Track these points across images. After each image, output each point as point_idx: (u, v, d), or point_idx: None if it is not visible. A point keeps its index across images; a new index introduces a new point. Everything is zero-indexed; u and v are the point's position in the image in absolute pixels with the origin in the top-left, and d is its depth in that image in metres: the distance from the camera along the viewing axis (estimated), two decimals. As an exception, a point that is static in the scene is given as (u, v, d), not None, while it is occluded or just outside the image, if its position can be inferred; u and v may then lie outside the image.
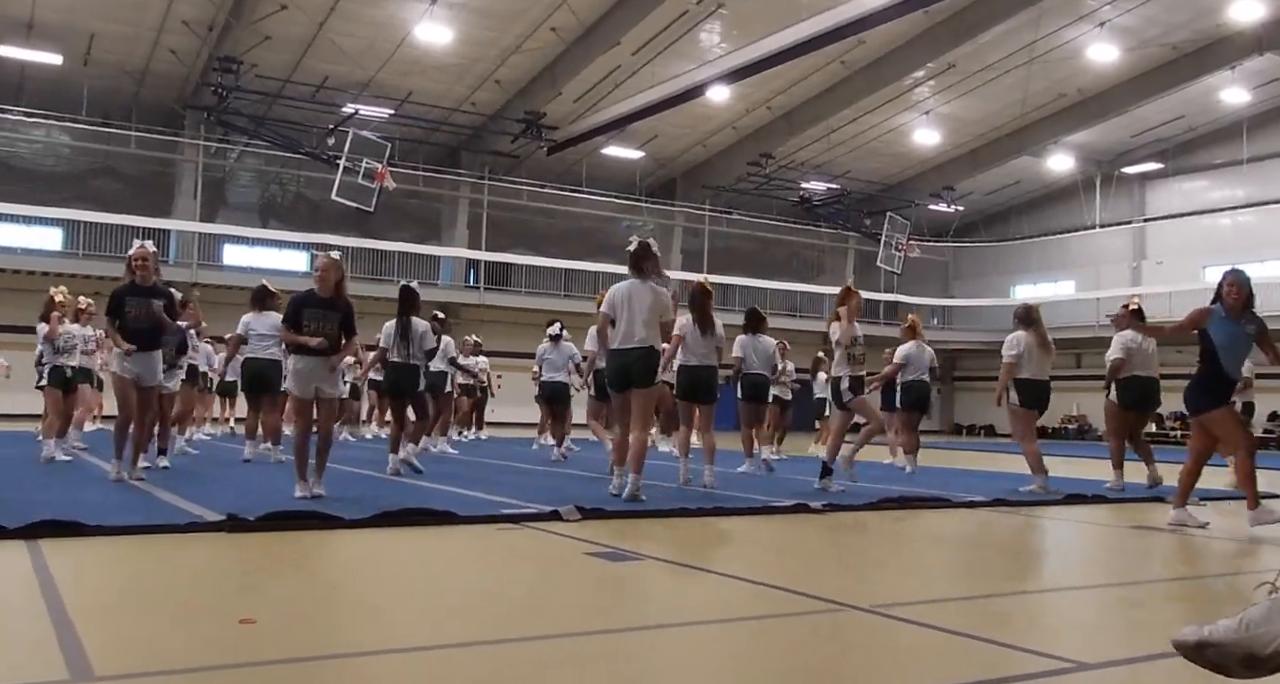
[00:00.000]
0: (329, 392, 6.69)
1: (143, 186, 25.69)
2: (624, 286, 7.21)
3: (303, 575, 4.32)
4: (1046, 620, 3.78)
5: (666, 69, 23.54)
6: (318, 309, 6.61)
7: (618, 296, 7.18)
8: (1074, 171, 31.62)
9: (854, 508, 7.02)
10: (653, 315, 7.10)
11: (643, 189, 31.27)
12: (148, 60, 23.38)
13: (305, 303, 6.62)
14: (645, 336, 7.04)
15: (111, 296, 7.24)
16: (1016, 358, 8.82)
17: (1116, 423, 9.28)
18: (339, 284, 6.71)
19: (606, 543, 5.11)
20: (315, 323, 6.56)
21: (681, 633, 3.33)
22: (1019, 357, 8.81)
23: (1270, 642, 1.57)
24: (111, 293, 7.28)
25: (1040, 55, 24.22)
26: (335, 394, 6.87)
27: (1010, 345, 8.90)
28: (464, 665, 2.83)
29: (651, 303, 7.12)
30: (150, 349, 7.22)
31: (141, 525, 5.05)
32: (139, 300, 7.13)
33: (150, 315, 7.13)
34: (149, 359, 7.22)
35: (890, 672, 2.86)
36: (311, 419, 6.63)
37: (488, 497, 6.90)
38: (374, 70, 23.90)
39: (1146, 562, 5.41)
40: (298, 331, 6.53)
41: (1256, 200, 28.54)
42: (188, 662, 2.72)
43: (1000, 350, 8.95)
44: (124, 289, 7.19)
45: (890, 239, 29.59)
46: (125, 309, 7.10)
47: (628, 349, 7.05)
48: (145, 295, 7.17)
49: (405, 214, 28.72)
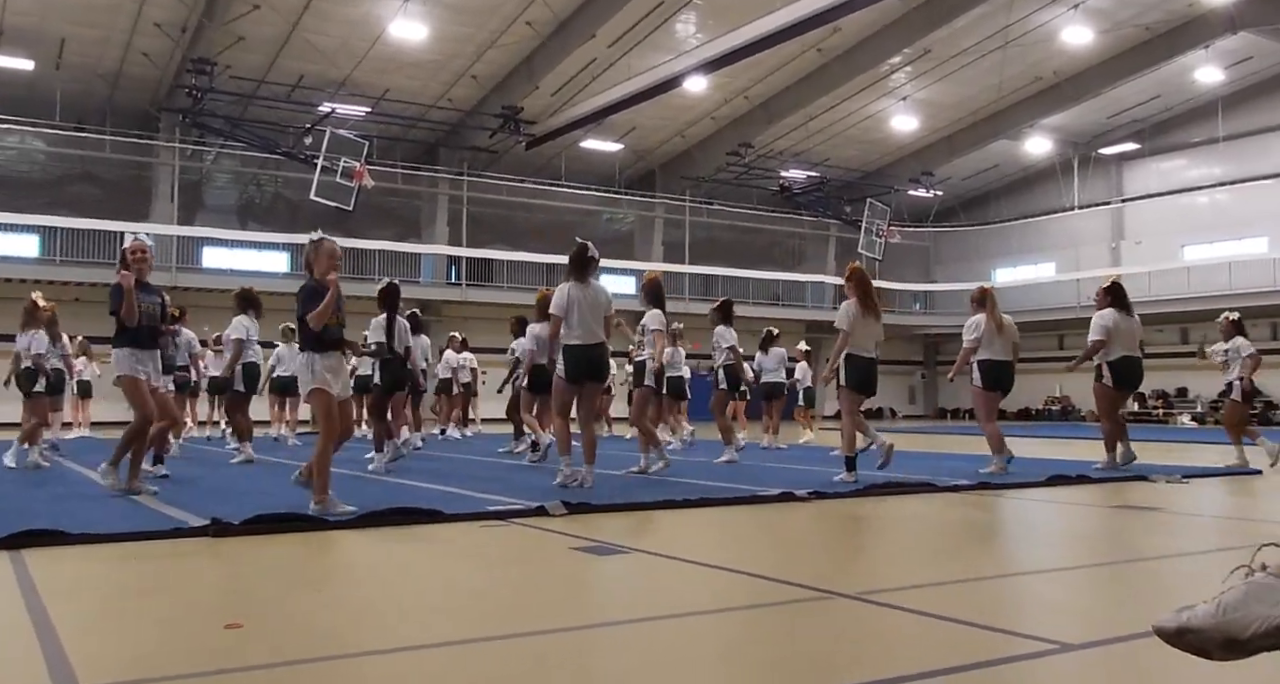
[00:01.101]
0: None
1: (119, 191, 25.52)
2: (571, 288, 7.49)
3: (289, 578, 4.31)
4: (1031, 602, 3.80)
5: (643, 61, 23.51)
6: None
7: (570, 298, 7.44)
8: (1051, 154, 31.76)
9: (840, 495, 7.05)
10: (600, 313, 7.52)
11: (622, 181, 31.24)
12: (120, 63, 23.20)
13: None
14: (599, 333, 7.51)
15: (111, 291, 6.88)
16: (976, 342, 8.91)
17: (1109, 404, 9.37)
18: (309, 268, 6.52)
19: (593, 537, 5.12)
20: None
21: (671, 625, 3.34)
22: (978, 341, 8.90)
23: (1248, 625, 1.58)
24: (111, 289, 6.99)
25: (1015, 39, 24.30)
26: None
27: (970, 329, 9.02)
28: (454, 664, 2.83)
29: (598, 301, 7.54)
30: (155, 348, 7.03)
31: (125, 533, 5.02)
32: (144, 298, 6.84)
33: (150, 312, 6.90)
34: (155, 358, 7.00)
35: (878, 658, 2.87)
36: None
37: (473, 494, 6.90)
38: (349, 69, 23.79)
39: (1129, 541, 5.45)
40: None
41: (1233, 178, 28.74)
42: (174, 669, 2.71)
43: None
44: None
45: (871, 225, 29.66)
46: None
47: (590, 345, 7.47)
48: (146, 293, 6.91)
49: (385, 212, 28.62)
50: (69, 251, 22.85)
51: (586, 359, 7.46)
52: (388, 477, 8.35)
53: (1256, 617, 1.58)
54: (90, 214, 23.27)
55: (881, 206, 29.94)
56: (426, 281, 27.27)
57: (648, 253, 30.12)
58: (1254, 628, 1.57)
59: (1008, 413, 32.78)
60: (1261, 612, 1.57)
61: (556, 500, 6.08)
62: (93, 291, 20.73)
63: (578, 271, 7.53)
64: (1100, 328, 9.19)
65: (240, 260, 26.41)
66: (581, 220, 30.46)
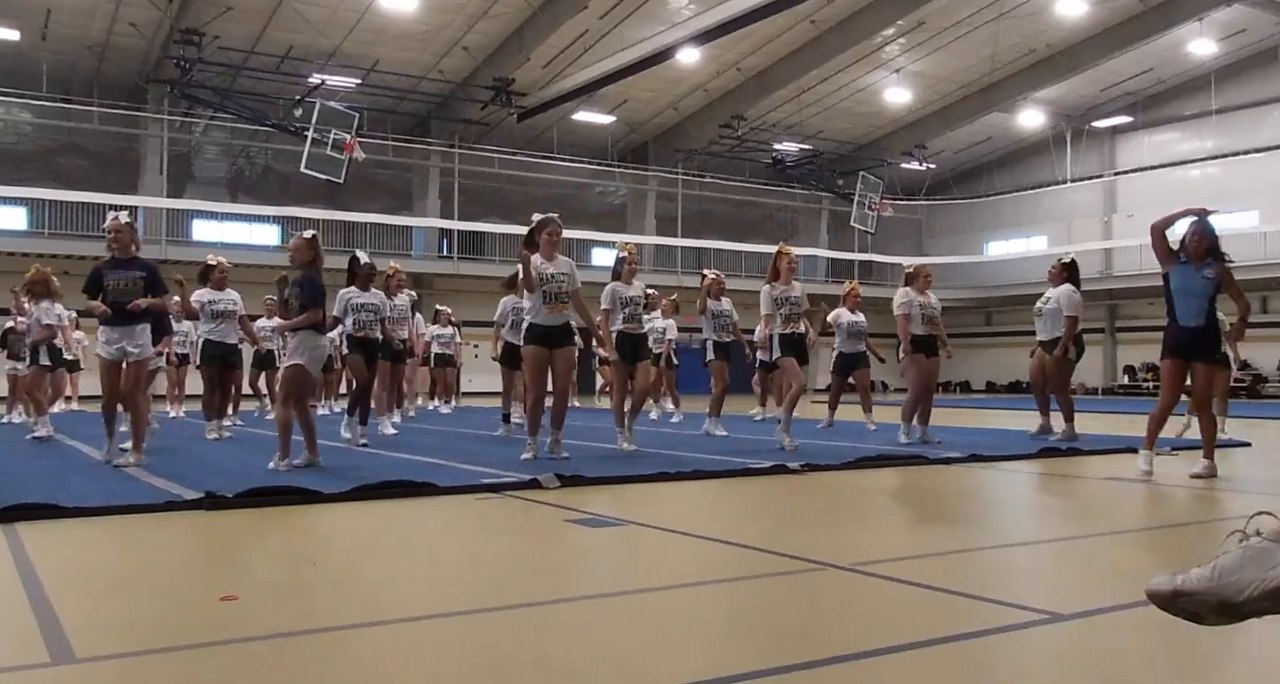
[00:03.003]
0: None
1: (108, 163, 25.33)
2: (539, 262, 7.45)
3: (283, 551, 4.32)
4: (1022, 573, 3.83)
5: (635, 32, 23.34)
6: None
7: (536, 272, 7.40)
8: (1044, 127, 31.67)
9: (832, 467, 7.08)
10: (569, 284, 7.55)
11: (615, 154, 31.10)
12: (107, 34, 22.95)
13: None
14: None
15: (90, 273, 7.01)
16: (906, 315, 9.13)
17: (1066, 378, 9.59)
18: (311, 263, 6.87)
19: (587, 509, 5.14)
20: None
21: (665, 596, 3.36)
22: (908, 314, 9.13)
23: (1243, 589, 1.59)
24: (91, 270, 7.08)
25: (1009, 11, 24.17)
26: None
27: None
28: (450, 635, 2.84)
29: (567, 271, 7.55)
30: (133, 322, 7.01)
31: (119, 506, 5.03)
32: (119, 274, 6.92)
33: (132, 289, 6.91)
34: (129, 332, 7.02)
35: (870, 629, 2.90)
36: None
37: (467, 466, 6.91)
38: (339, 39, 23.58)
39: (1118, 511, 5.49)
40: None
41: (1225, 151, 28.71)
42: (169, 641, 2.73)
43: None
44: (104, 264, 7.04)
45: (863, 199, 29.62)
46: (105, 283, 6.93)
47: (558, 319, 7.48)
48: (125, 268, 6.98)
49: (376, 185, 28.47)
50: (57, 224, 22.70)
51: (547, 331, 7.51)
52: (380, 450, 8.35)
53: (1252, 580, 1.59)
54: (78, 186, 23.10)
55: (874, 180, 29.87)
56: (418, 255, 27.18)
57: (640, 226, 30.05)
58: (1249, 592, 1.59)
59: (997, 385, 32.91)
60: (1257, 575, 1.58)
61: (550, 473, 6.10)
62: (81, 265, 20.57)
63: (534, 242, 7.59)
64: (1074, 305, 9.27)
65: (230, 233, 26.28)
66: (574, 193, 30.35)
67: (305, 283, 6.76)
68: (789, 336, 8.48)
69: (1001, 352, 31.57)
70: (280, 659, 2.59)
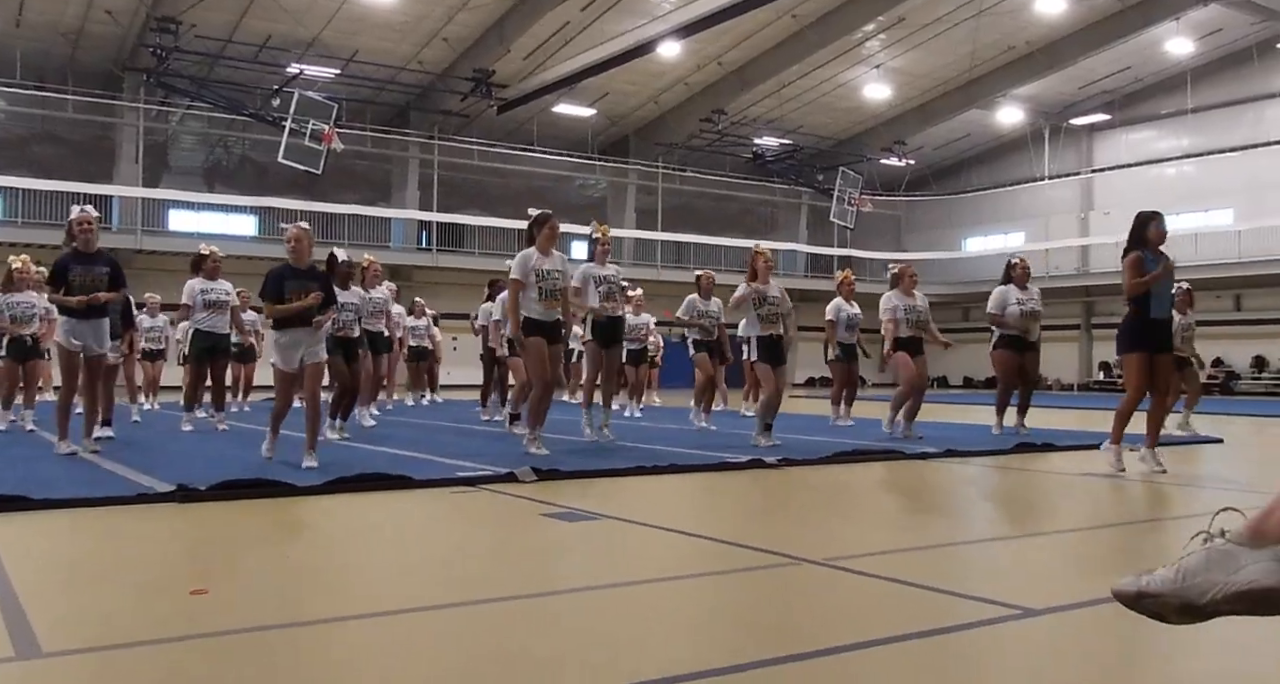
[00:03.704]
0: (313, 356, 6.63)
1: (83, 152, 25.06)
2: (534, 254, 7.43)
3: (256, 544, 4.30)
4: (994, 568, 3.85)
5: (616, 25, 23.28)
6: (298, 280, 6.55)
7: (531, 265, 7.39)
8: (1023, 124, 31.84)
9: (809, 462, 7.10)
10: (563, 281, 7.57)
11: (595, 147, 31.04)
12: (82, 21, 22.69)
13: (285, 275, 6.57)
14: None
15: (54, 264, 7.08)
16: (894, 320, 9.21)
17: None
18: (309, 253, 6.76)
19: (563, 503, 5.13)
20: (299, 294, 6.50)
21: (639, 591, 3.35)
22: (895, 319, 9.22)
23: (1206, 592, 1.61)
24: (55, 261, 7.12)
25: (988, 8, 24.26)
26: (322, 358, 6.75)
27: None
28: (423, 630, 2.83)
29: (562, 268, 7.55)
30: (96, 317, 7.05)
31: (89, 498, 4.97)
32: (83, 268, 6.97)
33: (94, 283, 6.98)
34: (95, 327, 7.06)
35: (845, 624, 2.91)
36: (292, 394, 6.70)
37: (443, 460, 6.89)
38: (317, 29, 23.40)
39: (1091, 507, 5.53)
40: (280, 304, 6.48)
41: (1201, 150, 28.94)
42: (138, 635, 2.70)
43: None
44: (67, 256, 7.03)
45: (843, 194, 29.70)
46: (69, 277, 6.93)
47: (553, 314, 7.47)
48: (89, 262, 7.01)
49: (354, 176, 28.30)
50: (31, 213, 22.43)
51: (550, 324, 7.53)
52: (357, 442, 8.32)
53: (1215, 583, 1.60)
54: (53, 175, 22.84)
55: (854, 175, 29.96)
56: (397, 247, 27.04)
57: (620, 219, 30.01)
58: (1212, 594, 1.60)
59: (974, 381, 33.09)
60: (1220, 579, 1.60)
61: (526, 466, 6.09)
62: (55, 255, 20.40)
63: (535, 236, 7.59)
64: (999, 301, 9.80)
65: (207, 223, 26.06)
66: (554, 186, 30.27)
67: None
68: (767, 339, 8.39)
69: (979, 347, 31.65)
70: (251, 653, 2.57)
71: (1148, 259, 6.52)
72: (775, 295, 8.47)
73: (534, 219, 7.54)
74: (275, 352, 6.64)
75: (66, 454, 6.93)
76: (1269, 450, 9.95)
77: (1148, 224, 6.60)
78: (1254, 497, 5.50)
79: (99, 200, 21.06)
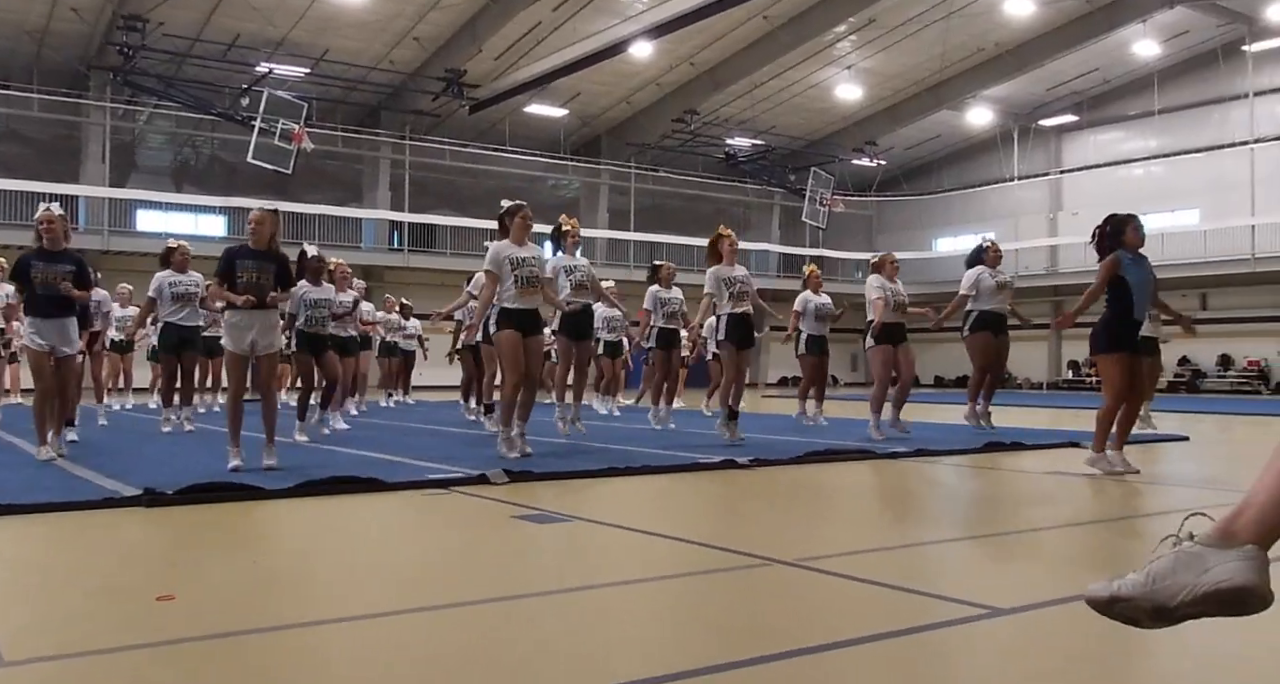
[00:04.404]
0: (267, 346, 6.43)
1: (48, 151, 24.76)
2: (509, 246, 7.29)
3: (224, 549, 4.25)
4: (964, 568, 3.88)
5: (589, 25, 23.27)
6: (254, 261, 6.41)
7: (505, 254, 7.27)
8: (993, 125, 32.10)
9: (780, 462, 7.11)
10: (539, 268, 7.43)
11: (567, 147, 31.00)
12: (48, 19, 22.41)
13: (240, 255, 6.45)
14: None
15: (16, 262, 6.98)
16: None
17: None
18: (273, 237, 6.53)
19: (535, 505, 5.11)
20: (250, 274, 6.34)
21: (611, 593, 3.35)
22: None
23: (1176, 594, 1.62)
24: (17, 259, 7.03)
25: (958, 9, 24.44)
26: (276, 348, 6.54)
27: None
28: (394, 635, 2.81)
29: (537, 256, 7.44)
30: (61, 317, 6.93)
31: (54, 503, 4.90)
32: (45, 265, 6.84)
33: (56, 282, 6.86)
34: (60, 327, 6.92)
35: (816, 625, 2.91)
36: (245, 377, 6.49)
37: (414, 462, 6.85)
38: (287, 28, 23.23)
39: (1059, 507, 5.57)
40: (230, 283, 6.33)
41: (1168, 151, 29.27)
42: (103, 643, 2.66)
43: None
44: (30, 254, 6.92)
45: (815, 194, 29.82)
46: (31, 275, 6.83)
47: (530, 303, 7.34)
48: (53, 261, 6.88)
49: (325, 176, 28.13)
50: (-4, 213, 22.16)
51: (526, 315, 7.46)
52: (327, 445, 8.26)
53: (1185, 585, 1.62)
54: (18, 175, 22.54)
55: (825, 175, 30.09)
56: (368, 247, 26.89)
57: (593, 219, 29.97)
58: (1181, 596, 1.61)
59: (945, 380, 33.30)
60: (1189, 580, 1.61)
61: (498, 468, 6.06)
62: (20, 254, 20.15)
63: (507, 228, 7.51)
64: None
65: (175, 223, 25.79)
66: (526, 186, 30.14)
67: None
68: (737, 317, 8.32)
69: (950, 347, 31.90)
70: (218, 660, 2.55)
71: (1125, 260, 6.54)
72: (741, 276, 8.45)
73: (505, 210, 7.43)
74: (225, 332, 6.52)
75: (46, 460, 6.71)
76: (1235, 448, 10.07)
77: (1124, 227, 6.61)
78: (1222, 494, 5.57)
79: (65, 200, 20.78)
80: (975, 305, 9.69)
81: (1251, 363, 27.42)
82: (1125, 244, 6.57)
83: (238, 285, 6.29)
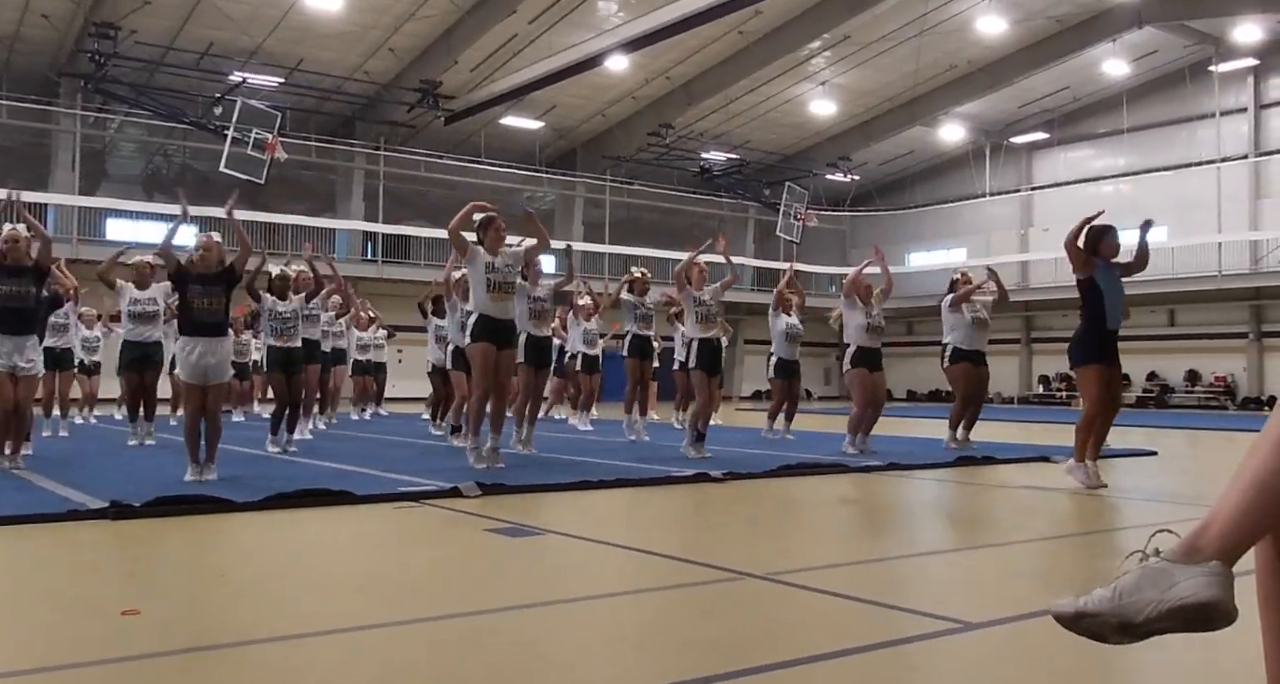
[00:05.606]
0: (218, 376, 6.52)
1: (17, 158, 24.46)
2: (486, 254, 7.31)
3: (192, 563, 4.20)
4: (935, 582, 3.89)
5: (564, 38, 23.31)
6: (202, 286, 6.46)
7: (481, 258, 7.30)
8: (965, 142, 32.39)
9: (753, 475, 7.12)
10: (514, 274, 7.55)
11: (543, 160, 31.00)
12: (18, 25, 22.19)
13: (190, 279, 6.49)
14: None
15: None
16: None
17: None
18: (221, 261, 6.65)
19: (507, 518, 5.09)
20: (200, 299, 6.40)
21: (583, 607, 3.33)
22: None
23: (1142, 610, 1.63)
24: None
25: (932, 27, 24.66)
26: (226, 378, 6.67)
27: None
28: (364, 649, 2.79)
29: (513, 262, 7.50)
30: (16, 333, 6.85)
31: (17, 515, 4.83)
32: (9, 282, 6.75)
33: (22, 298, 6.81)
34: (17, 343, 6.83)
35: (788, 639, 2.91)
36: (201, 408, 6.47)
37: (386, 474, 6.81)
38: (261, 38, 23.12)
39: (1031, 520, 5.61)
40: (183, 301, 6.42)
41: (1136, 169, 29.62)
42: (66, 658, 2.62)
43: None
44: None
45: (789, 209, 29.96)
46: None
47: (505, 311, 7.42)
48: (15, 276, 6.83)
49: (299, 186, 27.96)
50: (-38, 221, 21.86)
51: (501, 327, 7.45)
52: (297, 457, 8.19)
53: (1150, 601, 1.62)
54: (-14, 182, 22.28)
55: (799, 190, 30.24)
56: (342, 258, 26.72)
57: (568, 232, 29.93)
58: (1147, 612, 1.62)
59: (918, 394, 33.48)
60: (1154, 596, 1.62)
61: (471, 481, 6.03)
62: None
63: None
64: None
65: (145, 233, 25.49)
66: (501, 198, 30.09)
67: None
68: (707, 344, 8.48)
69: (922, 361, 32.12)
70: (184, 676, 2.51)
71: (1100, 266, 6.67)
72: (709, 299, 8.59)
73: (478, 224, 7.47)
74: (178, 360, 6.55)
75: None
76: (1202, 463, 10.17)
77: (1101, 238, 6.73)
78: (1189, 509, 5.62)
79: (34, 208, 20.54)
80: (953, 340, 9.70)
81: (1218, 378, 27.74)
82: (1100, 253, 6.69)
83: (191, 310, 6.43)
